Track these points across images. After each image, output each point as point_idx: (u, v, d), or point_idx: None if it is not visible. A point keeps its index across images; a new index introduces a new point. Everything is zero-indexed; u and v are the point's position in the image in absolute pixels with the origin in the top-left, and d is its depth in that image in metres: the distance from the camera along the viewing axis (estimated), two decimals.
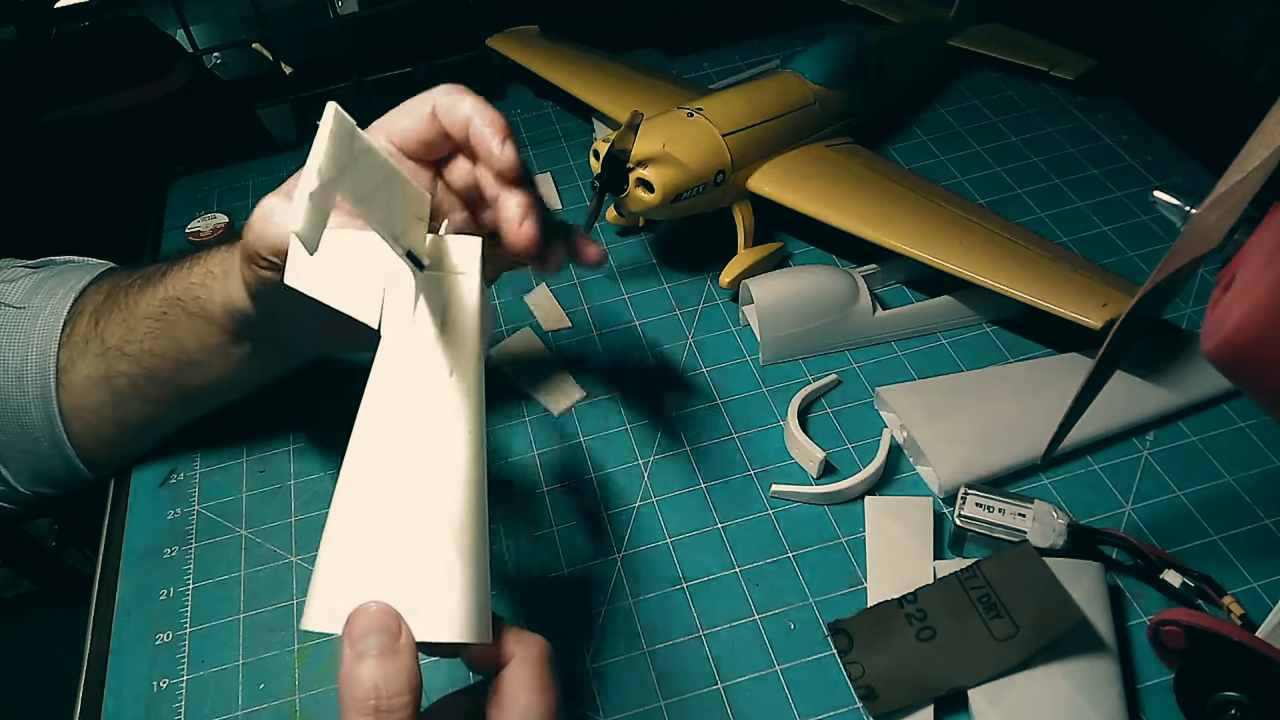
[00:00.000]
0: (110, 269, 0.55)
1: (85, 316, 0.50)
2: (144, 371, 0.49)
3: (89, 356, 0.49)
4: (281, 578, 0.51)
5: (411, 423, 0.33)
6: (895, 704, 0.42)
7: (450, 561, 0.31)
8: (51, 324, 0.51)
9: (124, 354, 0.48)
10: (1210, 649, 0.39)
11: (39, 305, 0.52)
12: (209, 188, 0.78)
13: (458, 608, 0.31)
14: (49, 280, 0.53)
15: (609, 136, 0.55)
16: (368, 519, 0.31)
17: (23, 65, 0.86)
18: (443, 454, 0.32)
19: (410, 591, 0.30)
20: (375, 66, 0.80)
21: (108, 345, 0.49)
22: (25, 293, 0.52)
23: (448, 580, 0.31)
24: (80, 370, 0.50)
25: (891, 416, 0.54)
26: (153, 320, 0.47)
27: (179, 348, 0.47)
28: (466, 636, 0.30)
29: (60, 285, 0.53)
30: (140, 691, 0.47)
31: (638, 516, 0.52)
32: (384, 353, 0.34)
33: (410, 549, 0.31)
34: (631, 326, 0.62)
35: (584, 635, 0.47)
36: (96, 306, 0.50)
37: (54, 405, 0.50)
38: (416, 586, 0.30)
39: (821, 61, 0.65)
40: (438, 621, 0.30)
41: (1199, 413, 0.54)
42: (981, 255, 0.56)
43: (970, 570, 0.44)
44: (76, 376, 0.50)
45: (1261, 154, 0.31)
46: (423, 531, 0.31)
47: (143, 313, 0.48)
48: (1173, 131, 0.71)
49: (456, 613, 0.30)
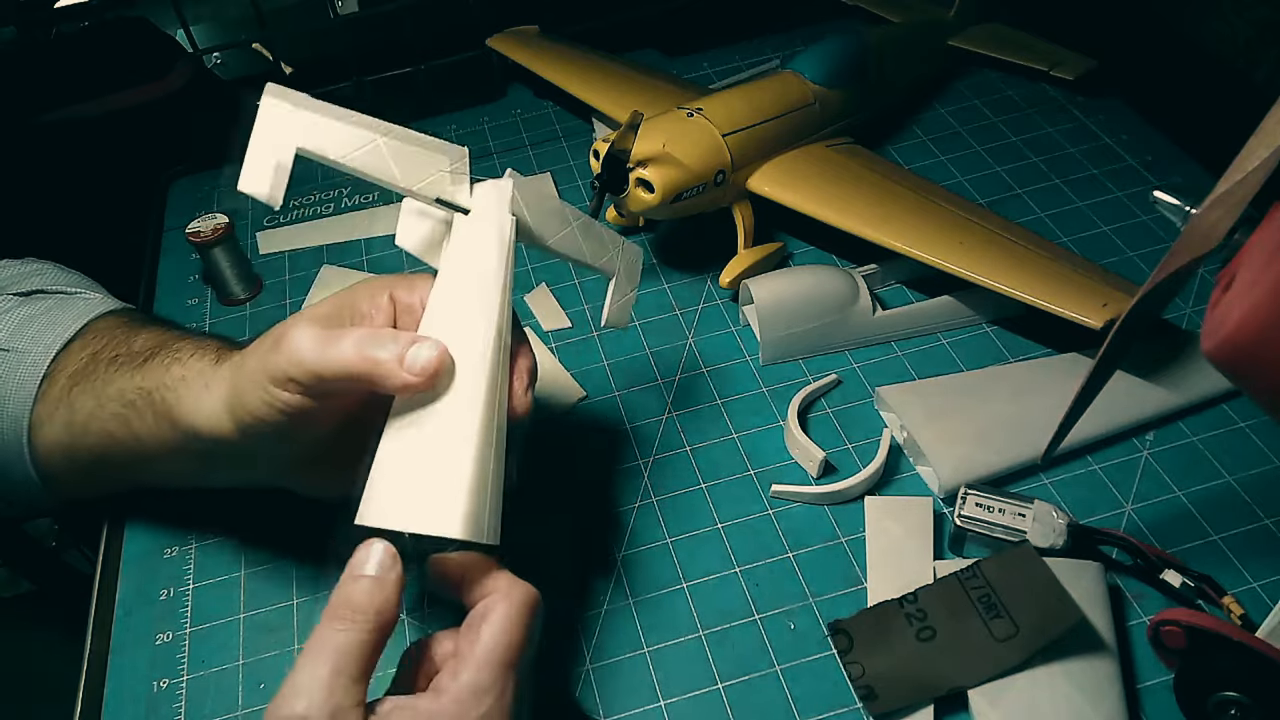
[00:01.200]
0: (104, 312, 0.53)
1: (63, 378, 0.48)
2: (103, 451, 0.47)
3: (56, 424, 0.48)
4: (281, 578, 0.51)
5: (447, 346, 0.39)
6: (895, 704, 0.42)
7: (463, 473, 0.37)
8: (32, 374, 0.49)
9: (87, 430, 0.47)
10: (1210, 649, 0.39)
11: (24, 349, 0.50)
12: (209, 188, 0.78)
13: (462, 511, 0.36)
14: (39, 318, 0.51)
15: (609, 136, 0.55)
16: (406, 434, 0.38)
17: (23, 65, 0.86)
18: (463, 377, 0.38)
19: (428, 496, 0.36)
20: (375, 66, 0.80)
21: (74, 418, 0.47)
22: (11, 331, 0.51)
23: (457, 488, 0.36)
24: (48, 434, 0.48)
25: (891, 416, 0.54)
26: (118, 405, 0.46)
27: (137, 442, 0.45)
28: (468, 535, 0.36)
29: (49, 328, 0.51)
30: (140, 691, 0.47)
31: (638, 516, 0.52)
32: (435, 288, 0.40)
33: (432, 461, 0.37)
34: (631, 326, 0.62)
35: (584, 635, 0.47)
36: (76, 369, 0.48)
37: (26, 456, 0.49)
38: (433, 492, 0.36)
39: (821, 61, 0.65)
40: (446, 520, 0.36)
41: (1199, 413, 0.54)
42: (981, 255, 0.56)
43: (970, 570, 0.44)
44: (45, 438, 0.48)
45: (1261, 154, 0.31)
46: (444, 447, 0.37)
47: (113, 394, 0.46)
48: (1173, 131, 0.71)
49: (460, 515, 0.36)
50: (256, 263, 0.69)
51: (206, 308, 0.67)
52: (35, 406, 0.48)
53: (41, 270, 0.57)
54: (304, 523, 0.53)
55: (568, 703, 0.45)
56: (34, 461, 0.49)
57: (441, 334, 0.39)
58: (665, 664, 0.46)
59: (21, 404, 0.49)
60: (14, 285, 0.55)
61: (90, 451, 0.47)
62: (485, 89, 0.83)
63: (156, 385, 0.44)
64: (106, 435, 0.46)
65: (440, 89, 0.82)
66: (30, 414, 0.49)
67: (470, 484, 0.37)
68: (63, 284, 0.56)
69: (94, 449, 0.47)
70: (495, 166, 0.76)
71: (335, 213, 0.73)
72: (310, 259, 0.70)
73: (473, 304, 0.40)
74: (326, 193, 0.75)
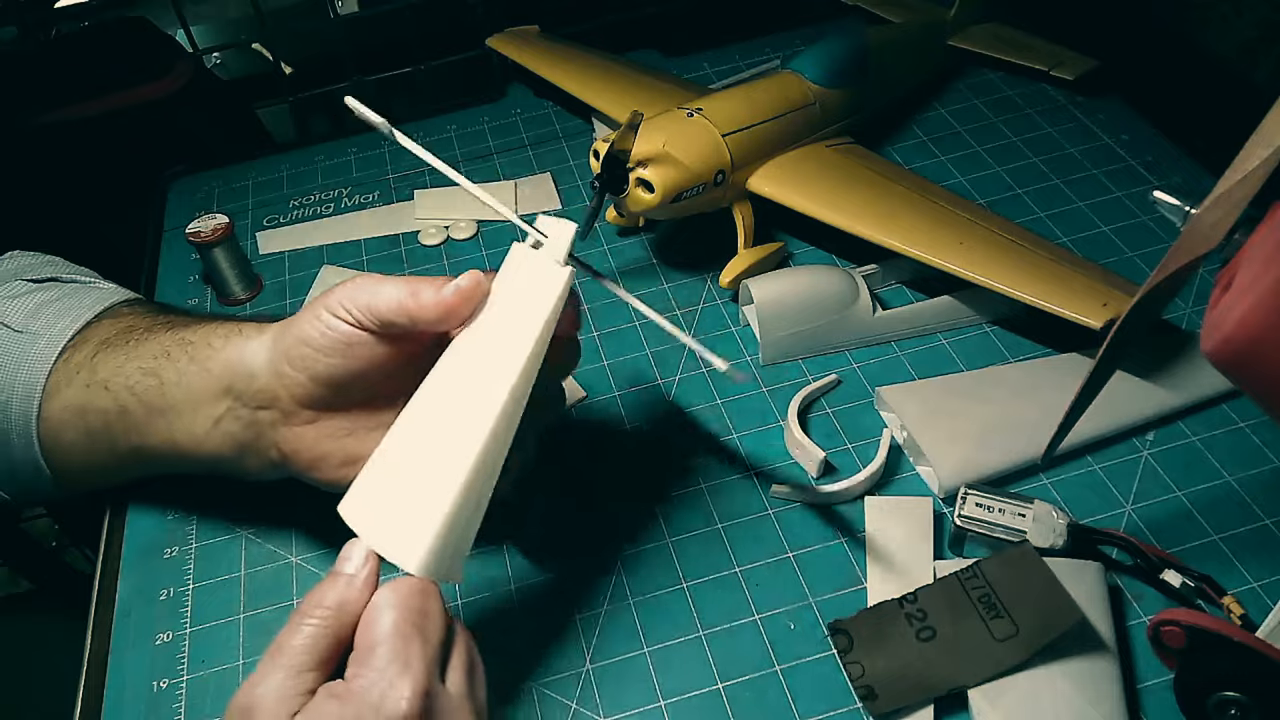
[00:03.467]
0: (125, 300, 0.54)
1: (90, 345, 0.49)
2: (118, 409, 0.47)
3: (74, 385, 0.48)
4: (281, 578, 0.51)
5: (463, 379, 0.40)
6: (895, 704, 0.42)
7: (440, 511, 0.37)
8: (47, 352, 0.49)
9: (106, 388, 0.47)
10: (1210, 649, 0.39)
11: (38, 331, 0.50)
12: (209, 188, 0.78)
13: (426, 548, 0.37)
14: (53, 304, 0.52)
15: (609, 136, 0.55)
16: (402, 449, 0.39)
17: (23, 65, 0.86)
18: (471, 415, 0.38)
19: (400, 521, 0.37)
20: (375, 66, 0.80)
21: (95, 377, 0.47)
22: (26, 315, 0.51)
23: (429, 525, 0.37)
24: (61, 398, 0.48)
25: (891, 416, 0.54)
26: (152, 358, 0.46)
27: (159, 392, 0.46)
28: (424, 574, 0.37)
29: (64, 313, 0.51)
30: (140, 691, 0.47)
31: (638, 517, 0.52)
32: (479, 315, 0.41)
33: (418, 486, 0.38)
34: (631, 327, 0.62)
35: (584, 635, 0.47)
36: (108, 337, 0.49)
37: (34, 433, 0.49)
38: (405, 519, 0.37)
39: (821, 61, 0.65)
40: (407, 554, 0.37)
41: (1199, 413, 0.54)
42: (981, 255, 0.56)
43: (970, 570, 0.44)
44: (57, 404, 0.48)
45: (1261, 154, 0.31)
46: (432, 476, 0.38)
47: (147, 351, 0.47)
48: (1173, 131, 0.71)
49: (422, 553, 0.37)
50: (256, 263, 0.69)
51: (207, 308, 0.67)
52: (51, 377, 0.49)
53: (54, 261, 0.58)
54: (304, 523, 0.53)
55: (569, 701, 0.45)
56: (40, 437, 0.49)
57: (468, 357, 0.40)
58: (665, 664, 0.46)
59: (33, 378, 0.49)
60: (27, 273, 0.55)
61: (103, 413, 0.47)
62: (485, 89, 0.83)
63: (203, 336, 0.46)
64: (127, 390, 0.47)
65: (440, 89, 0.82)
66: (44, 387, 0.49)
67: (442, 525, 0.37)
68: (76, 274, 0.57)
69: (109, 409, 0.47)
70: (495, 166, 0.76)
71: (335, 213, 0.73)
72: (310, 259, 0.70)
73: (508, 338, 0.40)
74: (326, 193, 0.75)
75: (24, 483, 0.52)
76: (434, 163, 0.41)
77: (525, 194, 0.73)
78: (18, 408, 0.49)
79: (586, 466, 0.55)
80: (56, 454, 0.50)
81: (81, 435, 0.49)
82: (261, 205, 0.75)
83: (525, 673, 0.46)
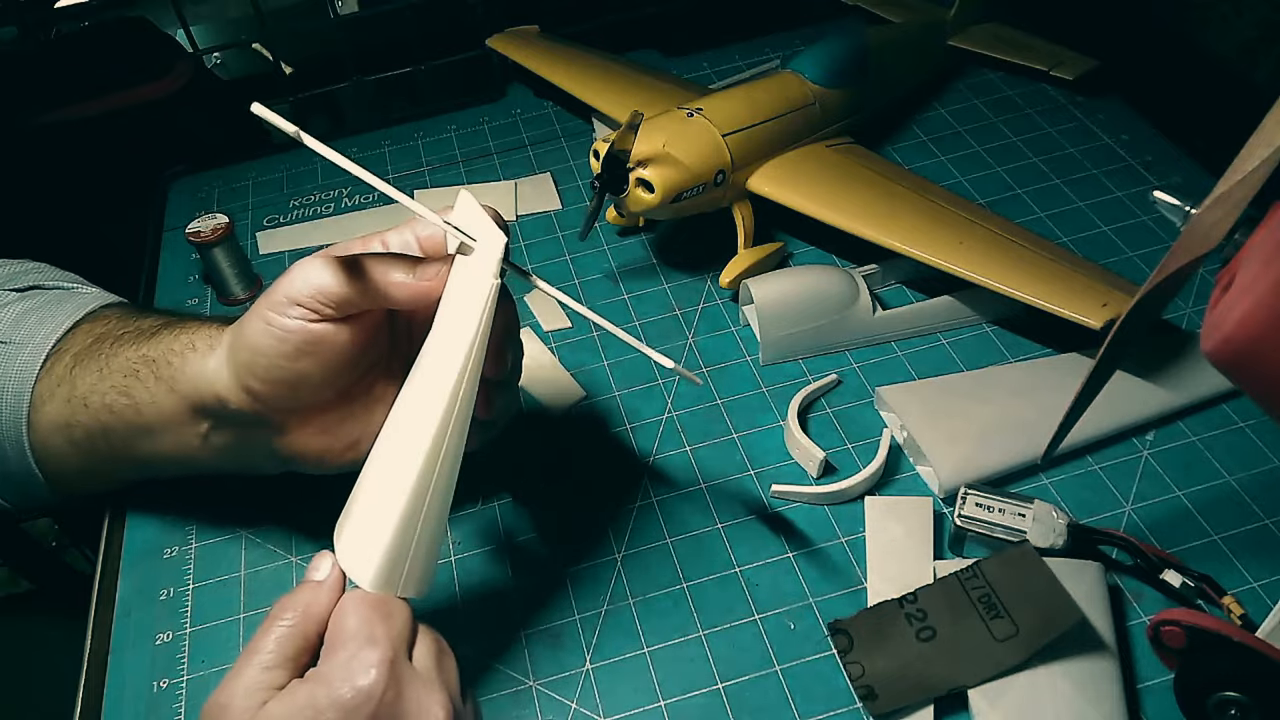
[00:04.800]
0: (104, 305, 0.53)
1: (67, 356, 0.49)
2: (100, 427, 0.47)
3: (57, 400, 0.48)
4: (281, 578, 0.51)
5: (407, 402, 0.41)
6: (895, 704, 0.42)
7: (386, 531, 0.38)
8: (30, 363, 0.49)
9: (86, 405, 0.47)
10: (1210, 649, 0.39)
11: (22, 340, 0.50)
12: (209, 188, 0.78)
13: (375, 566, 0.39)
14: (34, 313, 0.51)
15: (609, 136, 0.55)
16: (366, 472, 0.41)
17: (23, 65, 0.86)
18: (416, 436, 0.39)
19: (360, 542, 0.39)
20: (375, 66, 0.80)
21: (75, 392, 0.47)
22: (9, 325, 0.51)
23: (377, 544, 0.39)
24: (47, 412, 0.48)
25: (891, 416, 0.54)
26: (122, 376, 0.46)
27: (136, 412, 0.46)
28: (378, 589, 0.39)
29: (47, 320, 0.51)
30: (140, 691, 0.47)
31: (638, 516, 0.52)
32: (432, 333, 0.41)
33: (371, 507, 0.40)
34: (632, 327, 0.62)
35: (584, 635, 0.47)
36: (81, 349, 0.49)
37: (25, 444, 0.49)
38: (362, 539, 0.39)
39: (821, 61, 0.65)
40: (361, 572, 0.39)
41: (1199, 413, 0.54)
42: (981, 255, 0.56)
43: (970, 570, 0.44)
44: (44, 418, 0.48)
45: (1261, 154, 0.31)
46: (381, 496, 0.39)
47: (117, 367, 0.46)
48: (1173, 131, 0.71)
49: (372, 570, 0.39)
50: (256, 263, 0.69)
51: (206, 308, 0.67)
52: (35, 388, 0.49)
53: (38, 268, 0.57)
54: (304, 523, 0.53)
55: (572, 699, 0.45)
56: (32, 446, 0.49)
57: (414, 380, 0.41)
58: (665, 664, 0.46)
59: (21, 389, 0.49)
60: (10, 282, 0.55)
61: (87, 429, 0.47)
62: (485, 89, 0.83)
63: (162, 353, 0.45)
64: (105, 409, 0.46)
65: (440, 89, 0.82)
66: (30, 398, 0.49)
67: (390, 543, 0.38)
68: (59, 280, 0.56)
69: (92, 425, 0.47)
70: (495, 166, 0.76)
71: (335, 213, 0.73)
72: None
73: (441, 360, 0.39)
74: (326, 193, 0.75)
75: (22, 492, 0.52)
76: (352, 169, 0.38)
77: (525, 194, 0.73)
78: (8, 419, 0.49)
79: (586, 466, 0.55)
80: (50, 463, 0.50)
81: (71, 446, 0.49)
82: (261, 205, 0.75)
83: (525, 672, 0.46)
